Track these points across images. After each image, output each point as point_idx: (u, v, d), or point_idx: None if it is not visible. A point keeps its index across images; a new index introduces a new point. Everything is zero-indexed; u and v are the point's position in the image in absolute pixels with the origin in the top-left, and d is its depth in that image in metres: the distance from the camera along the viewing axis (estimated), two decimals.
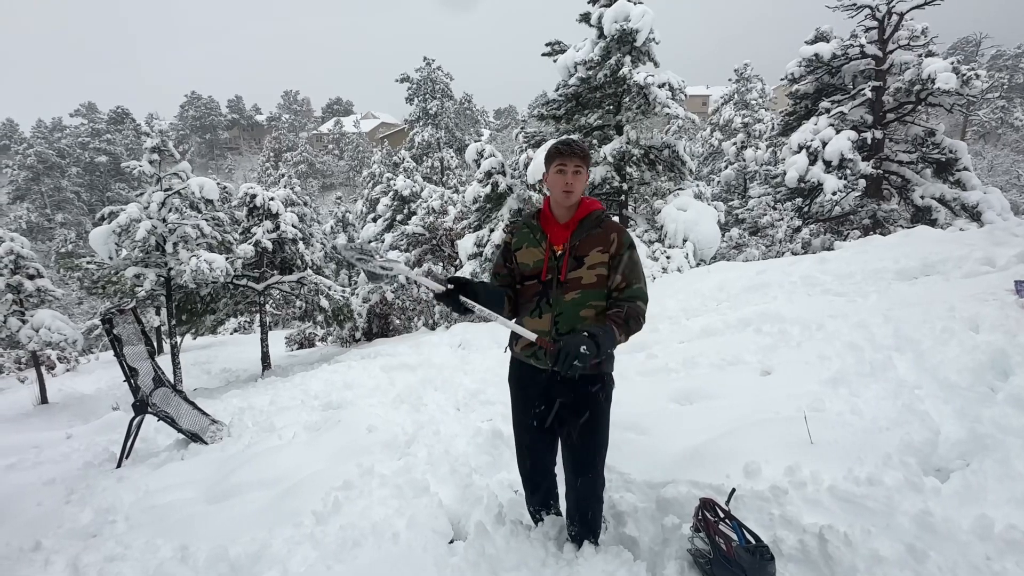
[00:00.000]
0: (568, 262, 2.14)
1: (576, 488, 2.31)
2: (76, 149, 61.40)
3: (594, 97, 13.06)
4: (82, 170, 60.17)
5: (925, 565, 1.97)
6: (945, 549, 2.03)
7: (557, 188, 2.15)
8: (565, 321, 2.14)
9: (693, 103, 50.56)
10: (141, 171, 12.31)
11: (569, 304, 2.14)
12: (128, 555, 3.00)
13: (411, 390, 5.79)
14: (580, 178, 2.14)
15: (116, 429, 6.37)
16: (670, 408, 3.74)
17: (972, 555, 1.99)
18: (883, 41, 14.44)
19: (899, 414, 3.03)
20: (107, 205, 13.48)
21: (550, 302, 2.16)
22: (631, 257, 2.14)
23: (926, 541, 2.07)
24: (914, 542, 2.07)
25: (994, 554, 1.99)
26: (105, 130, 66.64)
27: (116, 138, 64.86)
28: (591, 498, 2.34)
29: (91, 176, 60.80)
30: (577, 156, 2.13)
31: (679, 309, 7.27)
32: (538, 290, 2.19)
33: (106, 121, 70.75)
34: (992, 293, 4.39)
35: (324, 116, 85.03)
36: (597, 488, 2.33)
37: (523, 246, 2.25)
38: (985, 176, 27.25)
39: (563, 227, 2.20)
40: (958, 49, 49.86)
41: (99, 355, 20.42)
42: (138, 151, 49.23)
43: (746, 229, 21.18)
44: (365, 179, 32.11)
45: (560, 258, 2.15)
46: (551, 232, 2.21)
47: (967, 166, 14.03)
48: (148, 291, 12.26)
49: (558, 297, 2.15)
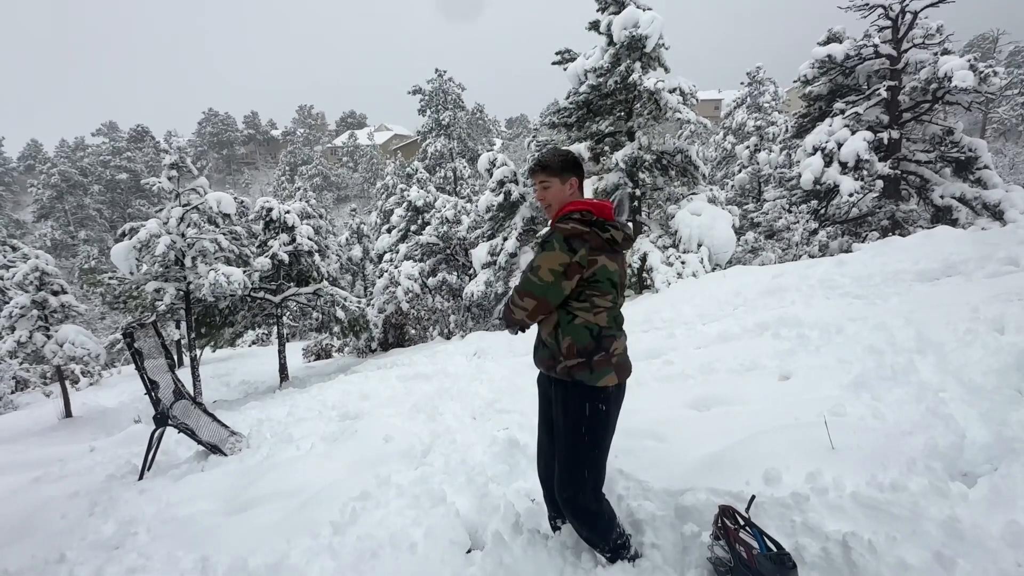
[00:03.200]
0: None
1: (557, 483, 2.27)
2: (98, 167, 62.81)
3: (605, 104, 13.08)
4: (104, 187, 61.53)
5: (953, 573, 1.92)
6: (974, 556, 1.98)
7: (537, 199, 2.31)
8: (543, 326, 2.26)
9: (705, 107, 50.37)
10: (160, 187, 12.56)
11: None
12: (150, 566, 3.03)
13: (427, 400, 5.80)
14: (549, 191, 2.22)
15: (138, 442, 6.47)
16: (688, 415, 3.70)
17: (1002, 562, 1.94)
18: (897, 40, 14.28)
19: (923, 418, 2.97)
20: (128, 221, 13.79)
21: None
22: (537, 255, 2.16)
23: (954, 548, 2.02)
24: (941, 549, 2.02)
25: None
26: (126, 148, 68.10)
27: (136, 156, 66.27)
28: (574, 521, 2.28)
29: (112, 193, 62.13)
30: (539, 171, 2.23)
31: (695, 314, 7.21)
32: None
33: (127, 139, 72.36)
34: (1017, 293, 4.30)
35: (338, 129, 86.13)
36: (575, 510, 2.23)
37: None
38: (1007, 174, 26.77)
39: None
40: (975, 46, 49.12)
41: (121, 369, 20.79)
42: (158, 168, 50.27)
43: (762, 233, 20.99)
44: (379, 190, 32.40)
45: None
46: None
47: (987, 164, 13.76)
48: (168, 305, 12.47)
49: None
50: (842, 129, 13.80)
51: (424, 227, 20.49)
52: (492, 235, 14.74)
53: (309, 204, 20.41)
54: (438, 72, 37.88)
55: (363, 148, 70.86)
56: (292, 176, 63.74)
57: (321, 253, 16.30)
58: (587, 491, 2.21)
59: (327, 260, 16.70)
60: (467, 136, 39.43)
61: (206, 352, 19.78)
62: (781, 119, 26.56)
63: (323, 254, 16.51)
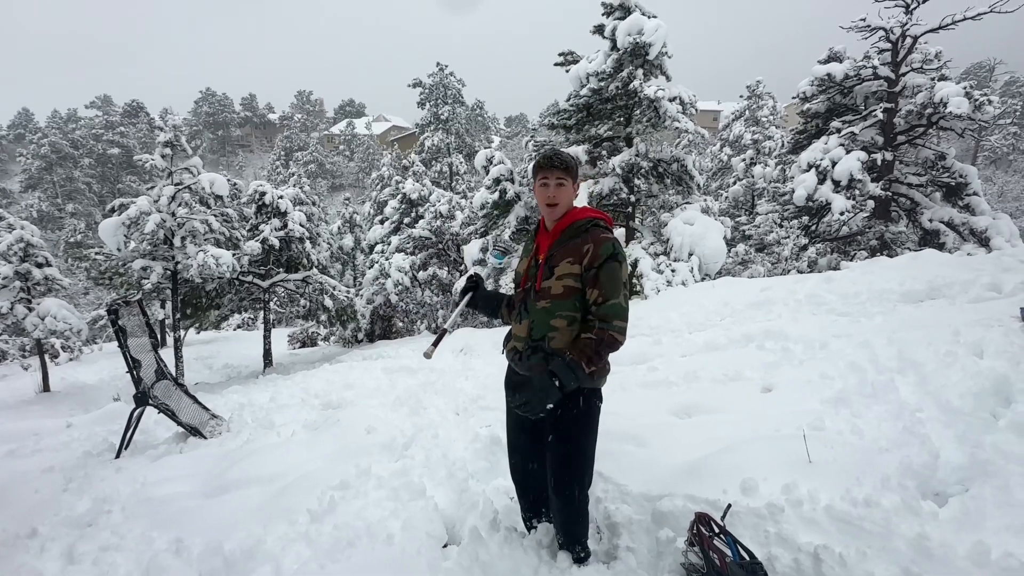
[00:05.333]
0: (543, 271, 2.16)
1: (553, 493, 2.27)
2: (90, 140, 61.94)
3: (605, 108, 13.11)
4: (94, 161, 60.68)
5: None
6: (941, 574, 2.02)
7: (541, 201, 2.19)
8: (537, 329, 2.16)
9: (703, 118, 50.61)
10: (153, 165, 12.43)
11: (540, 313, 2.15)
12: (123, 545, 3.01)
13: (411, 393, 5.79)
14: (563, 190, 2.15)
15: (116, 420, 6.40)
16: (670, 421, 3.73)
17: None
18: (896, 63, 14.45)
19: (899, 436, 3.02)
20: (118, 197, 13.64)
21: (527, 309, 2.20)
22: (609, 269, 2.04)
23: (922, 565, 2.06)
24: (910, 566, 2.05)
25: None
26: (119, 123, 67.24)
27: (130, 131, 65.45)
28: (568, 518, 2.31)
29: (103, 168, 61.30)
30: (559, 168, 2.13)
31: (682, 323, 7.26)
32: (521, 297, 2.26)
33: (120, 114, 71.49)
34: (998, 319, 4.37)
35: (336, 117, 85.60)
36: (572, 507, 2.28)
37: (523, 255, 2.34)
38: (995, 202, 27.17)
39: (547, 235, 2.23)
40: (971, 74, 49.83)
41: (103, 346, 20.53)
42: (151, 144, 49.68)
43: (752, 245, 21.15)
44: (374, 181, 32.23)
45: (538, 267, 2.20)
46: (541, 242, 2.25)
47: (977, 191, 13.98)
48: (154, 284, 12.34)
49: (532, 305, 2.18)
50: (837, 148, 13.94)
51: (417, 220, 20.41)
52: (485, 232, 14.72)
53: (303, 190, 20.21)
54: (439, 66, 37.80)
55: (360, 137, 70.47)
56: (287, 161, 63.30)
57: (312, 240, 16.20)
58: (586, 488, 2.29)
59: (318, 248, 16.59)
60: (465, 132, 39.38)
61: (190, 333, 19.63)
62: (778, 134, 26.77)
63: (314, 241, 16.40)
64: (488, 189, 14.35)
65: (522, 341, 2.21)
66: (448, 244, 18.24)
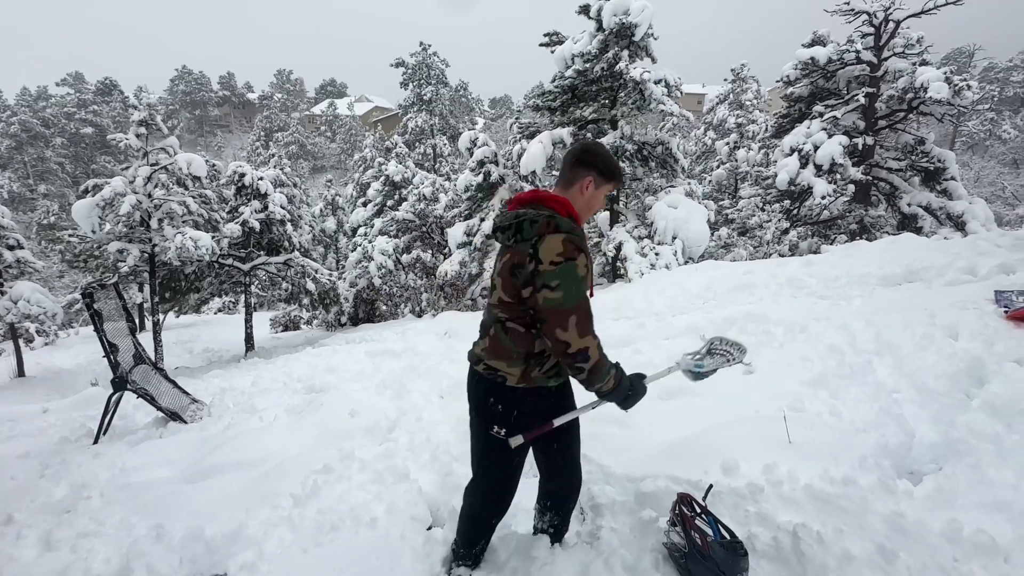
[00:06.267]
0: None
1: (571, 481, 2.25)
2: (61, 119, 60.16)
3: (590, 90, 13.02)
4: (67, 141, 59.03)
5: (894, 565, 2.01)
6: (915, 550, 2.07)
7: (596, 205, 2.01)
8: None
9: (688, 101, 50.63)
10: (128, 144, 12.10)
11: None
12: (102, 531, 2.97)
13: (395, 377, 5.77)
14: None
15: (94, 405, 6.30)
16: (653, 403, 3.75)
17: (941, 557, 2.03)
18: (879, 48, 14.52)
19: (876, 417, 3.08)
20: (92, 177, 13.27)
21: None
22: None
23: (896, 542, 2.11)
24: (885, 542, 2.10)
25: (962, 556, 2.03)
26: (92, 101, 65.36)
27: (103, 110, 63.66)
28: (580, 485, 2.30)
29: (76, 147, 59.67)
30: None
31: (666, 306, 7.30)
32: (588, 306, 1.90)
33: (93, 92, 69.38)
34: (973, 302, 4.45)
35: (317, 97, 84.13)
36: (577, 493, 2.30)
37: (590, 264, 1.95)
38: (971, 187, 27.64)
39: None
40: (951, 59, 50.31)
41: (79, 330, 20.16)
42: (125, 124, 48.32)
43: (735, 229, 21.33)
44: (356, 163, 31.85)
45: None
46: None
47: (954, 176, 14.20)
48: (131, 267, 12.10)
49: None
50: (819, 132, 14.03)
51: (401, 203, 20.24)
52: (469, 215, 14.64)
53: (284, 172, 19.92)
54: (423, 46, 37.20)
55: (342, 118, 69.41)
56: (267, 142, 62.10)
57: (294, 223, 15.97)
58: None
59: (300, 230, 16.37)
60: (449, 113, 38.95)
61: (169, 317, 19.34)
62: (762, 118, 26.88)
63: (296, 224, 16.17)
64: (472, 171, 14.23)
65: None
66: (432, 227, 18.11)
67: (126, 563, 2.59)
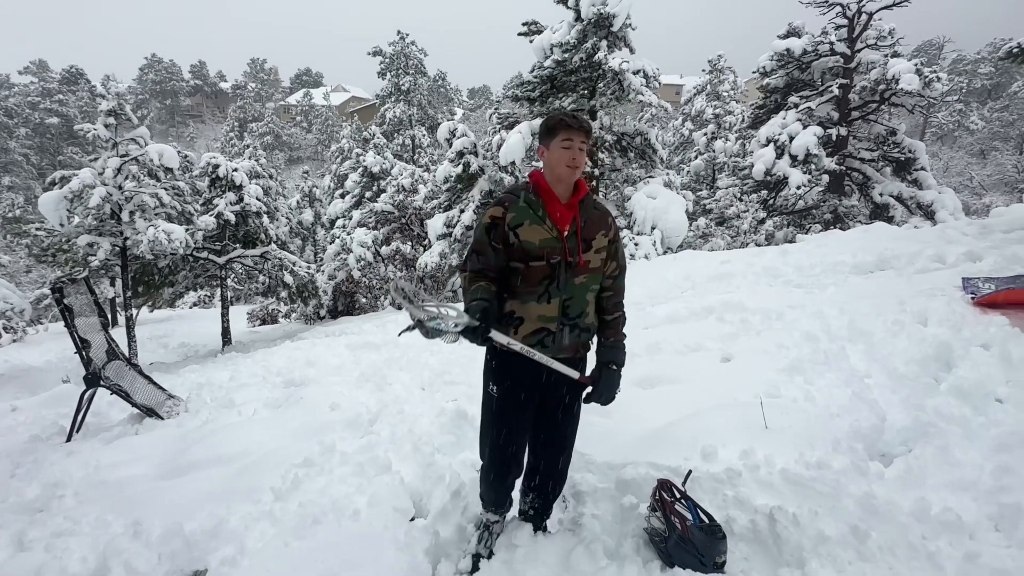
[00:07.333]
0: (581, 245, 2.02)
1: (556, 465, 2.34)
2: (25, 109, 58.11)
3: (569, 80, 12.99)
4: (31, 131, 57.06)
5: (866, 544, 2.07)
6: (886, 529, 2.14)
7: (561, 163, 1.98)
8: (575, 307, 2.05)
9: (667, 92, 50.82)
10: (96, 135, 11.75)
11: (579, 288, 2.04)
12: (77, 530, 2.92)
13: (376, 369, 5.74)
14: (583, 155, 2.01)
15: (66, 402, 6.13)
16: (633, 392, 3.80)
17: (910, 535, 2.10)
18: (852, 40, 14.74)
19: (849, 402, 3.16)
20: (58, 169, 12.89)
21: (559, 286, 2.00)
22: (621, 242, 2.18)
23: (868, 522, 2.18)
24: (857, 523, 2.17)
25: (930, 534, 2.10)
26: (57, 90, 63.19)
27: (69, 99, 61.59)
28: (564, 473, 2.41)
29: (41, 138, 57.75)
30: (584, 131, 1.98)
31: (645, 296, 7.36)
32: (547, 273, 1.99)
33: (58, 80, 67.07)
34: (941, 289, 4.57)
35: (292, 87, 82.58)
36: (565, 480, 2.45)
37: (524, 222, 1.99)
38: (940, 177, 28.29)
39: (566, 206, 2.03)
40: (922, 51, 51.30)
41: (48, 326, 19.61)
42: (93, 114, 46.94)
43: (713, 219, 21.54)
44: (334, 154, 31.39)
45: (571, 239, 2.01)
46: (552, 210, 2.02)
47: (924, 166, 14.53)
48: (102, 261, 11.79)
49: (569, 281, 2.01)
50: (795, 123, 14.22)
51: (379, 194, 20.03)
52: (449, 207, 14.56)
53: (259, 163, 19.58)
54: (400, 34, 36.68)
55: (318, 108, 68.25)
56: (241, 133, 60.88)
57: (270, 215, 15.72)
58: None
59: (276, 222, 16.13)
60: (427, 103, 38.53)
61: (143, 312, 18.94)
62: (739, 108, 27.12)
63: (272, 216, 15.93)
64: (451, 162, 14.14)
65: (553, 320, 2.03)
66: (411, 218, 17.98)
67: (103, 561, 2.55)
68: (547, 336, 2.04)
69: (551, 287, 2.00)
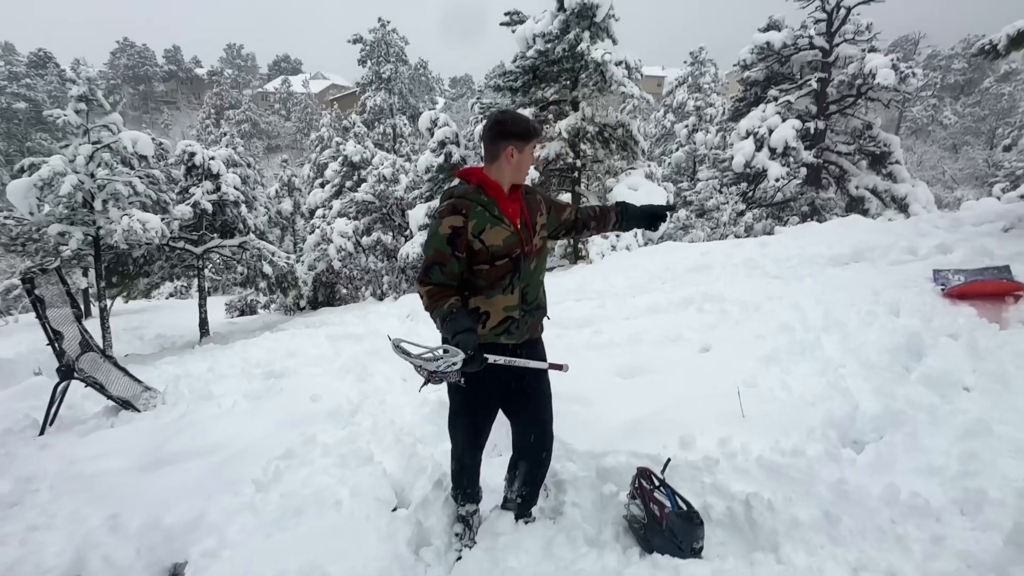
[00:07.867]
0: (531, 232, 2.17)
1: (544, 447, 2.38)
2: None
3: (551, 71, 12.97)
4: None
5: (838, 528, 2.14)
6: (856, 514, 2.21)
7: (526, 165, 2.16)
8: (531, 292, 2.20)
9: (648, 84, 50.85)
10: (67, 121, 11.43)
11: (534, 273, 2.20)
12: (53, 524, 2.87)
13: (357, 360, 5.70)
14: None
15: (38, 395, 5.98)
16: (614, 382, 3.84)
17: (879, 519, 2.17)
18: (830, 34, 14.91)
19: (824, 391, 3.24)
20: (27, 156, 12.53)
21: (520, 276, 2.13)
22: (554, 198, 2.40)
23: (840, 507, 2.24)
24: (830, 508, 2.23)
25: (899, 518, 2.18)
26: (24, 74, 61.19)
27: (37, 83, 59.70)
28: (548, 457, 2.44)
29: (8, 123, 55.93)
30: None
31: (626, 287, 7.42)
32: (509, 268, 2.10)
33: (25, 64, 64.92)
34: (913, 280, 4.68)
35: (270, 74, 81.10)
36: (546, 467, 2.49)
37: (486, 227, 2.05)
38: (914, 170, 28.86)
39: (511, 200, 2.15)
40: (898, 46, 52.01)
41: (18, 317, 19.11)
42: (62, 99, 45.57)
43: (693, 211, 21.74)
44: (313, 142, 30.99)
45: (524, 230, 2.14)
46: (504, 207, 2.11)
47: (899, 160, 14.82)
48: (74, 251, 11.53)
49: (526, 269, 2.15)
50: (774, 116, 14.39)
51: (360, 184, 19.84)
52: (431, 196, 14.49)
53: (236, 151, 19.22)
54: (381, 22, 36.21)
55: (297, 96, 67.18)
56: (218, 120, 59.57)
57: (248, 204, 15.48)
58: None
59: (255, 212, 15.88)
60: (409, 92, 38.18)
61: (118, 303, 18.53)
62: (719, 101, 27.32)
63: (250, 205, 15.68)
64: (433, 152, 14.07)
65: (516, 309, 2.14)
66: (392, 208, 17.85)
67: (80, 555, 2.52)
68: (512, 324, 2.16)
69: (514, 279, 2.13)
